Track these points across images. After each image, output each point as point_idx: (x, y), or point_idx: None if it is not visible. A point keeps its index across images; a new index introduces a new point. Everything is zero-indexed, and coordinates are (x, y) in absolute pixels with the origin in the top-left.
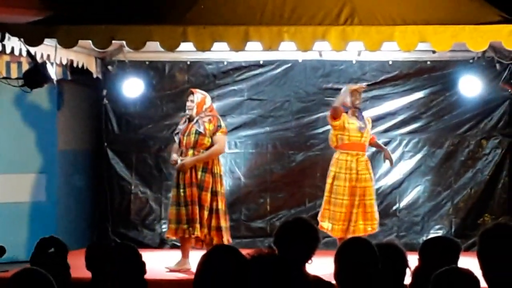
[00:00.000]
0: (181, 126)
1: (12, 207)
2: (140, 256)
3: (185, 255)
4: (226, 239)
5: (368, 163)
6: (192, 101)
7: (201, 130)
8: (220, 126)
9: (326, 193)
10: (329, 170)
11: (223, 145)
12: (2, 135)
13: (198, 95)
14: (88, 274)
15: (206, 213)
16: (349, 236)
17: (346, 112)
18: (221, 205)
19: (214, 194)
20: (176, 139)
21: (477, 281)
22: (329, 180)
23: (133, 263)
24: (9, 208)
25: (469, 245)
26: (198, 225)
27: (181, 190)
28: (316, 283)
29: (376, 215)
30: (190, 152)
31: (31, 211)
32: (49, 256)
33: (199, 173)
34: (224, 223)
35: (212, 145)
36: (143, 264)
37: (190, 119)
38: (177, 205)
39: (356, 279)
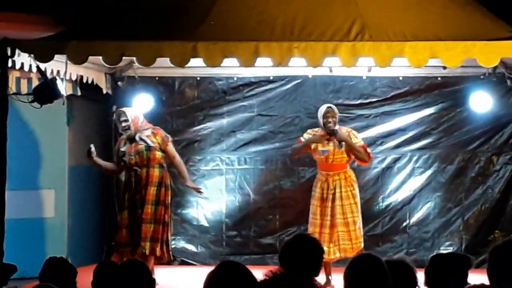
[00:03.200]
0: (123, 148)
1: (21, 223)
2: (149, 272)
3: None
4: (171, 253)
5: (345, 181)
6: (126, 120)
7: (151, 144)
8: (167, 136)
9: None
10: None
11: (177, 153)
12: (11, 151)
13: (130, 112)
14: None
15: (159, 227)
16: (329, 257)
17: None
18: (168, 218)
19: (167, 207)
20: (125, 161)
21: None
22: (311, 200)
23: (142, 279)
24: (18, 224)
25: (480, 262)
26: (148, 243)
27: (138, 210)
28: None
29: (361, 232)
30: (144, 170)
31: (40, 227)
32: (57, 273)
33: (153, 188)
34: (169, 237)
35: (161, 157)
36: (152, 281)
37: (130, 139)
38: (132, 226)
39: None
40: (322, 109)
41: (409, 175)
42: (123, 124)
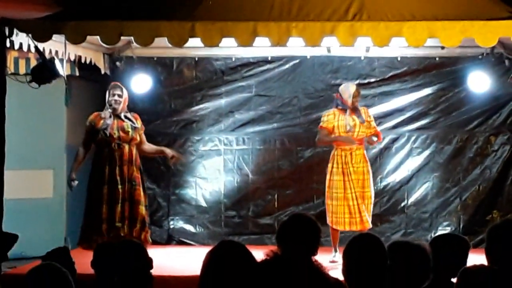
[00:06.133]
0: (108, 121)
1: (20, 203)
2: (145, 252)
3: None
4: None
5: (364, 157)
6: (120, 96)
7: (136, 125)
8: (143, 124)
9: (326, 189)
10: (328, 166)
11: None
12: (10, 131)
13: (125, 91)
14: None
15: (142, 209)
16: (354, 228)
17: (345, 110)
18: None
19: (144, 190)
20: (106, 133)
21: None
22: (328, 176)
23: (139, 259)
24: (17, 205)
25: (478, 241)
26: (133, 223)
27: (119, 186)
28: (324, 279)
29: (370, 207)
30: (126, 146)
31: (38, 208)
32: (53, 253)
33: (137, 170)
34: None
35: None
36: (149, 260)
37: (115, 114)
38: (111, 202)
39: (362, 275)
40: (351, 89)
41: (407, 155)
42: (116, 97)
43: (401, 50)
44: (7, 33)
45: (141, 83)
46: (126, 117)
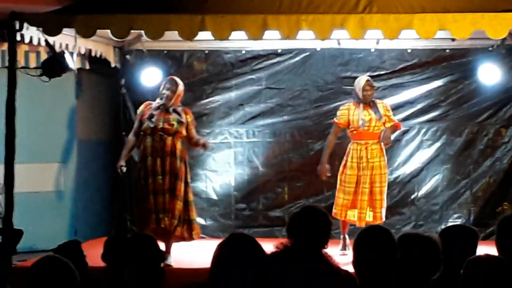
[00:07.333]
0: (155, 112)
1: (31, 196)
2: (157, 245)
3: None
4: (196, 232)
5: (381, 151)
6: (173, 91)
7: (183, 120)
8: (194, 119)
9: (338, 181)
10: (343, 158)
11: None
12: (20, 125)
13: (180, 86)
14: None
15: (180, 204)
16: (362, 223)
17: (359, 104)
18: (191, 196)
19: (186, 184)
20: (151, 123)
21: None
22: (340, 169)
23: (150, 252)
24: (28, 198)
25: (488, 233)
26: (169, 215)
27: (159, 177)
28: (335, 272)
29: (384, 203)
30: (169, 138)
31: (49, 201)
32: (64, 247)
33: (181, 164)
34: (194, 216)
35: (184, 135)
36: (160, 253)
37: (165, 107)
38: (155, 193)
39: (373, 267)
40: (361, 82)
41: (417, 147)
42: (168, 92)
43: (411, 42)
44: (17, 27)
45: (151, 76)
46: (174, 110)
